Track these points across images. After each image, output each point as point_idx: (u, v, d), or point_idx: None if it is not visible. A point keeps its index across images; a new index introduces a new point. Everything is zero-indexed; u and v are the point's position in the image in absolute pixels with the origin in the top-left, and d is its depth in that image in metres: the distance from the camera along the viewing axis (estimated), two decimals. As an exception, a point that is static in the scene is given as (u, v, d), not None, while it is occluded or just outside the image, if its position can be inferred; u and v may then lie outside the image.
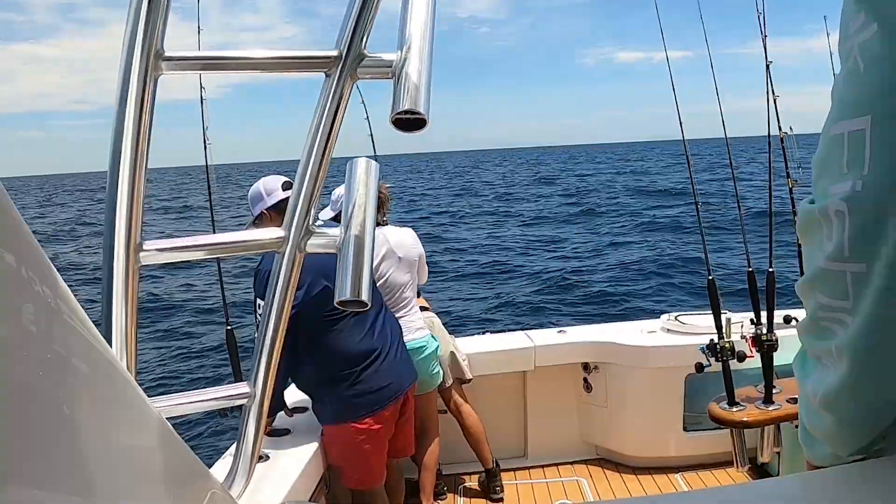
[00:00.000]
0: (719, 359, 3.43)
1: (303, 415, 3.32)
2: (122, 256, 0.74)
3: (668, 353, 4.07)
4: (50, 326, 0.46)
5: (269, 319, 0.85)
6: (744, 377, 3.56)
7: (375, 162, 0.82)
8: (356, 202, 0.79)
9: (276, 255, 0.83)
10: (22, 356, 0.42)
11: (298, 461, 2.83)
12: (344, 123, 0.80)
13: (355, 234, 0.76)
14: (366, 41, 0.76)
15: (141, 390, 0.60)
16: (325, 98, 0.77)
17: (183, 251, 0.81)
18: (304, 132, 0.80)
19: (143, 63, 0.72)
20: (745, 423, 3.36)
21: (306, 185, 0.81)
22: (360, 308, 0.74)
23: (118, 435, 0.56)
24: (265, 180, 3.21)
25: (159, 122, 0.76)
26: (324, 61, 0.76)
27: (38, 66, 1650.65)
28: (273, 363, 0.86)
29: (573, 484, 4.18)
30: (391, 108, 0.68)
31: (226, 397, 0.86)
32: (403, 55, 0.70)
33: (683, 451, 4.24)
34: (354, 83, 0.77)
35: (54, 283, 0.46)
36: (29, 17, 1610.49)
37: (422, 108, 0.67)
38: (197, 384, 8.38)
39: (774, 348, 3.40)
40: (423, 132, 0.70)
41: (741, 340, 3.47)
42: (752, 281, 3.52)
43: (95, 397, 0.53)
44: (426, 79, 0.69)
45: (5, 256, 0.41)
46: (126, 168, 0.73)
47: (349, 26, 0.75)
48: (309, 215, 0.82)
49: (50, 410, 0.45)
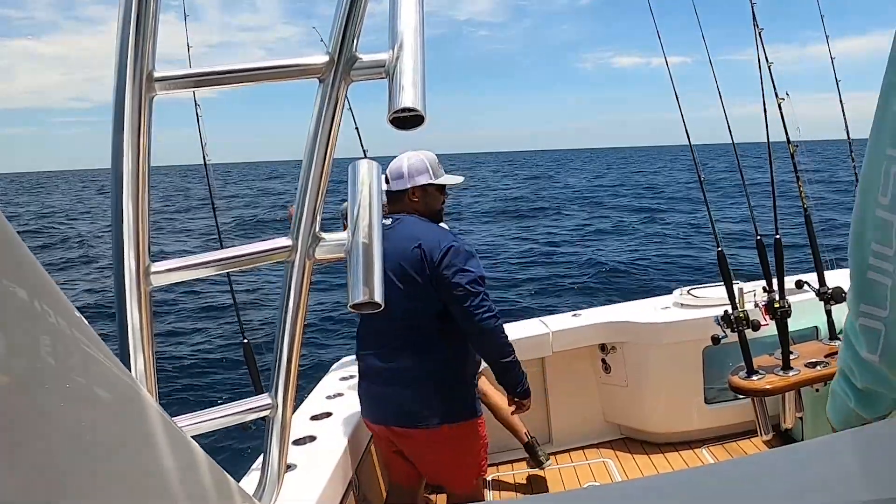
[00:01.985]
0: (735, 329, 3.42)
1: (326, 420, 3.32)
2: (133, 280, 0.74)
3: (684, 328, 4.06)
4: (68, 357, 0.46)
5: (284, 329, 0.85)
6: (760, 345, 3.56)
7: (377, 163, 0.82)
8: (361, 204, 0.79)
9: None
10: (43, 389, 0.43)
11: (325, 468, 2.83)
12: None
13: (363, 237, 0.76)
14: (356, 43, 0.75)
15: (164, 412, 0.60)
16: (321, 104, 0.77)
17: (193, 269, 0.81)
18: (299, 132, 0.80)
19: (136, 85, 0.72)
20: (766, 391, 3.35)
21: (309, 192, 0.81)
22: (374, 309, 0.74)
23: (146, 459, 0.56)
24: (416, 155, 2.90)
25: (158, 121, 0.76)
26: (316, 67, 0.76)
27: (37, 62, 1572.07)
28: (292, 372, 0.86)
29: (599, 465, 4.18)
30: (388, 107, 0.68)
31: (248, 410, 0.86)
32: (396, 54, 0.70)
33: (707, 424, 4.23)
34: (349, 86, 0.77)
35: (68, 313, 0.46)
36: (28, 13, 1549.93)
37: (418, 105, 0.67)
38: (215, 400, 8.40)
39: (788, 314, 3.39)
40: (421, 129, 0.69)
41: (755, 309, 3.46)
42: (761, 248, 3.50)
43: (119, 423, 0.53)
44: (420, 76, 0.69)
45: (18, 291, 0.41)
46: (128, 193, 0.73)
47: (338, 30, 0.75)
48: (315, 222, 0.82)
49: (74, 440, 0.45)
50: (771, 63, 3.54)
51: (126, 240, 0.73)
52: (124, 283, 0.74)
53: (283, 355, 0.85)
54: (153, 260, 0.77)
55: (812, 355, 3.48)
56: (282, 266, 0.84)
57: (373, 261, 0.75)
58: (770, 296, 3.42)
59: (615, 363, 4.32)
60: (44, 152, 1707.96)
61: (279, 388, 0.86)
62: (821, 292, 3.57)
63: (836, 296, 3.55)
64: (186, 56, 3.66)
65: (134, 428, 0.55)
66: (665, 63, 3.77)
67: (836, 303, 3.57)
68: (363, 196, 0.79)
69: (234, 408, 0.86)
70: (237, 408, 0.86)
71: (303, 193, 0.81)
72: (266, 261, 0.84)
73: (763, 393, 3.37)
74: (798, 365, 3.39)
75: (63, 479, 0.42)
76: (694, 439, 4.22)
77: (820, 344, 3.67)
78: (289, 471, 2.73)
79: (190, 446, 0.65)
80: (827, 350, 3.52)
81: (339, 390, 3.68)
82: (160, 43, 0.73)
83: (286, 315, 0.84)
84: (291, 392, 0.86)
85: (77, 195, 60.15)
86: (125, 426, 0.54)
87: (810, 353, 3.52)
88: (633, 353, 4.24)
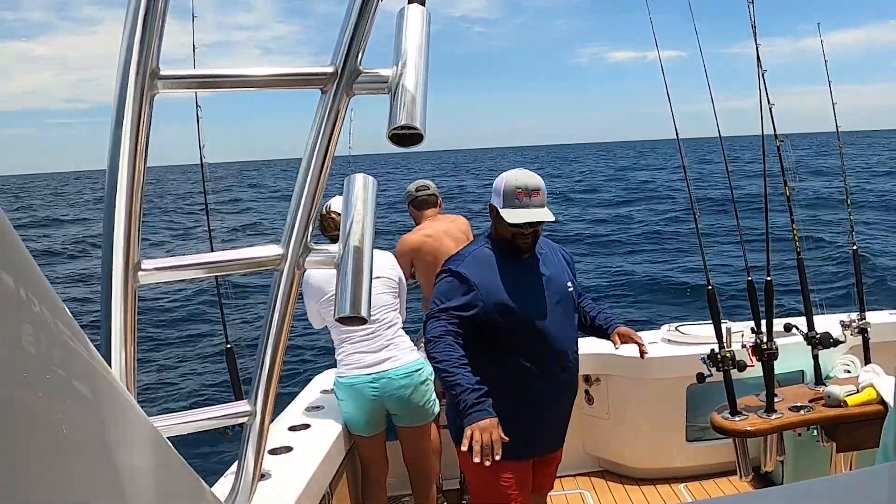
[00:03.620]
0: (720, 368, 3.42)
1: (304, 432, 3.30)
2: (120, 277, 0.74)
3: (670, 364, 4.06)
4: (50, 347, 0.46)
5: (268, 337, 0.85)
6: (745, 386, 3.55)
7: (373, 178, 0.82)
8: (354, 218, 0.79)
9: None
10: (21, 377, 0.42)
11: (301, 478, 2.81)
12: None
13: (354, 250, 0.76)
14: (361, 57, 0.76)
15: (142, 410, 0.59)
16: (322, 114, 0.78)
17: (182, 270, 0.81)
18: (296, 133, 0.80)
19: (138, 82, 0.72)
20: (748, 433, 3.34)
21: (304, 201, 0.81)
22: (360, 324, 0.74)
23: (119, 455, 0.56)
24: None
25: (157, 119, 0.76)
26: (319, 78, 0.77)
27: (32, 64, 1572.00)
28: (273, 381, 0.86)
29: (576, 497, 4.16)
30: (388, 123, 0.68)
31: (226, 416, 0.86)
32: (399, 70, 0.70)
33: (686, 462, 4.22)
34: (350, 99, 0.77)
35: (53, 304, 0.46)
36: (23, 14, 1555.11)
37: (418, 123, 0.67)
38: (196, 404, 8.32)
39: (775, 357, 3.40)
40: (419, 147, 0.70)
41: (742, 350, 3.46)
42: (752, 290, 3.51)
43: (96, 418, 0.52)
44: (422, 94, 0.69)
45: (3, 278, 0.41)
46: (123, 188, 0.73)
47: (345, 42, 0.75)
48: (307, 232, 0.82)
49: (50, 431, 0.45)
50: (765, 71, 3.51)
51: (116, 235, 0.73)
52: (111, 279, 0.74)
53: (265, 363, 0.84)
54: (143, 258, 0.77)
55: (797, 399, 3.47)
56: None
57: (362, 275, 0.75)
58: (758, 337, 3.43)
59: (598, 395, 4.31)
60: (40, 153, 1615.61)
61: (259, 396, 0.85)
62: (809, 336, 3.58)
63: (824, 340, 3.55)
64: (180, 56, 3.63)
65: (110, 424, 0.55)
66: (658, 57, 3.75)
67: (824, 347, 3.58)
68: (357, 210, 0.79)
69: (212, 412, 0.85)
70: (215, 412, 0.85)
71: (297, 203, 0.81)
72: (256, 267, 0.84)
73: (745, 434, 3.36)
74: (782, 408, 3.38)
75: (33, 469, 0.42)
76: (673, 476, 4.21)
77: (805, 388, 3.67)
78: (263, 479, 2.71)
79: (165, 447, 0.64)
80: (812, 395, 3.52)
81: (319, 403, 3.67)
82: (164, 44, 0.74)
83: (271, 323, 0.84)
84: (271, 400, 0.86)
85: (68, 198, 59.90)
86: (102, 421, 0.53)
87: (795, 396, 3.51)
88: (617, 386, 4.23)
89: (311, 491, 2.84)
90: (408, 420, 3.46)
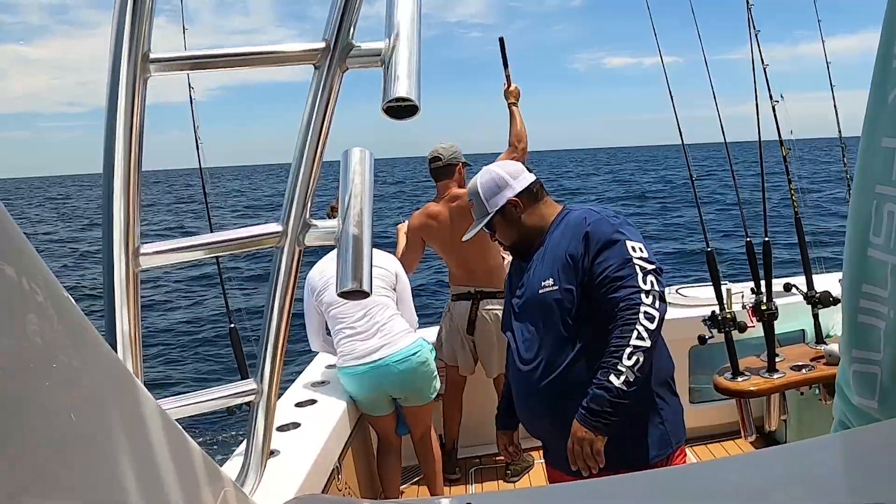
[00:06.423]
0: (721, 330, 3.43)
1: (310, 407, 3.32)
2: (122, 261, 0.74)
3: (671, 327, 4.05)
4: (54, 336, 0.46)
5: (271, 314, 0.85)
6: (746, 347, 3.57)
7: (369, 151, 0.81)
8: (352, 192, 0.78)
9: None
10: (28, 367, 0.42)
11: (309, 455, 2.83)
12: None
13: (353, 225, 0.76)
14: (353, 31, 0.75)
15: (149, 394, 0.60)
16: (316, 90, 0.77)
17: (182, 252, 0.80)
18: (293, 133, 0.80)
19: (131, 66, 0.71)
20: (751, 393, 3.36)
21: (301, 178, 0.80)
22: (362, 298, 0.74)
23: (129, 439, 0.56)
24: (499, 166, 2.49)
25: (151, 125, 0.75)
26: (312, 53, 0.76)
27: (29, 67, 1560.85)
28: (278, 358, 0.86)
29: None
30: (382, 96, 0.67)
31: (233, 394, 0.86)
32: (392, 43, 0.69)
33: (690, 424, 4.23)
34: (344, 73, 0.76)
35: (56, 293, 0.46)
36: (19, 18, 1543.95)
37: (413, 95, 0.66)
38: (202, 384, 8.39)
39: (775, 317, 3.41)
40: (415, 119, 0.69)
41: (742, 311, 3.48)
42: (751, 250, 3.52)
43: (104, 404, 0.53)
44: (416, 66, 0.68)
45: (5, 269, 0.41)
46: (120, 172, 0.73)
47: (336, 16, 0.74)
48: (306, 209, 0.81)
49: (59, 419, 0.45)
50: (766, 65, 3.54)
51: (116, 220, 0.73)
52: (113, 263, 0.74)
53: (269, 341, 0.85)
54: (143, 242, 0.77)
55: (798, 358, 3.49)
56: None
57: (363, 249, 0.75)
58: (758, 298, 3.44)
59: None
60: (36, 156, 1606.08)
61: (265, 374, 0.86)
62: (808, 296, 3.59)
63: (824, 299, 3.57)
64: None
65: (120, 409, 0.55)
66: (661, 62, 3.78)
67: (824, 306, 3.59)
68: (355, 184, 0.79)
69: (219, 392, 0.86)
70: (222, 392, 0.86)
71: (294, 180, 0.80)
72: (255, 246, 0.84)
73: (747, 394, 3.39)
74: (784, 368, 3.40)
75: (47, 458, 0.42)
76: None
77: (806, 347, 3.69)
78: (272, 457, 2.73)
79: (175, 429, 0.65)
80: (813, 353, 3.54)
81: (324, 378, 3.69)
82: (156, 45, 0.73)
83: (273, 301, 0.84)
84: (277, 378, 0.86)
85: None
86: (111, 407, 0.54)
87: (796, 356, 3.53)
88: None
89: (320, 466, 2.86)
90: (412, 401, 3.49)
